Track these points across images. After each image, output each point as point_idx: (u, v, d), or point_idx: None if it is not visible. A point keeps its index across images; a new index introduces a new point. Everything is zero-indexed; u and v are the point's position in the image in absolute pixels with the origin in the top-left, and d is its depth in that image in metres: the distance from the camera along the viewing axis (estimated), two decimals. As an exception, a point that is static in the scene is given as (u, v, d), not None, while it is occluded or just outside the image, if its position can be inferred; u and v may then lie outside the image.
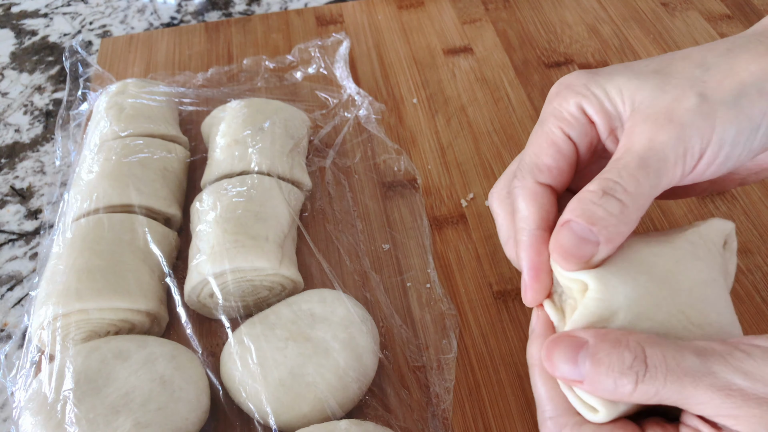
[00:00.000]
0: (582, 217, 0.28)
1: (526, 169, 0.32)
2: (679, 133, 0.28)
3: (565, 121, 0.32)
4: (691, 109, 0.28)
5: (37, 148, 0.61)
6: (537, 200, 0.31)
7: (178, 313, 0.45)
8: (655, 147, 0.28)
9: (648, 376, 0.25)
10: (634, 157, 0.28)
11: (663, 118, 0.29)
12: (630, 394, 0.25)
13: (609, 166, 0.29)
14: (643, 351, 0.25)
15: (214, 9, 0.76)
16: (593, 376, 0.26)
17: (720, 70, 0.29)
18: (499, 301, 0.47)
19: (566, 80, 0.32)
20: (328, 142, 0.58)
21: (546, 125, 0.32)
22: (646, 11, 0.70)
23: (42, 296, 0.43)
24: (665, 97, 0.29)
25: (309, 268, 0.49)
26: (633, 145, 0.29)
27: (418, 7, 0.72)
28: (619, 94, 0.31)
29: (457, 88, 0.63)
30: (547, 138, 0.32)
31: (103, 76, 0.62)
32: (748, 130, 0.29)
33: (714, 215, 0.51)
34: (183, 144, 0.56)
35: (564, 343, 0.27)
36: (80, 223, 0.46)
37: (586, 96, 0.31)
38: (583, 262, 0.28)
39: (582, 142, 0.32)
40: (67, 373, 0.39)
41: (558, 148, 0.32)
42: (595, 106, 0.31)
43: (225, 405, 0.42)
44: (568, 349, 0.27)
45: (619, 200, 0.28)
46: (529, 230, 0.31)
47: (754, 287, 0.47)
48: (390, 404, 0.42)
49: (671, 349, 0.25)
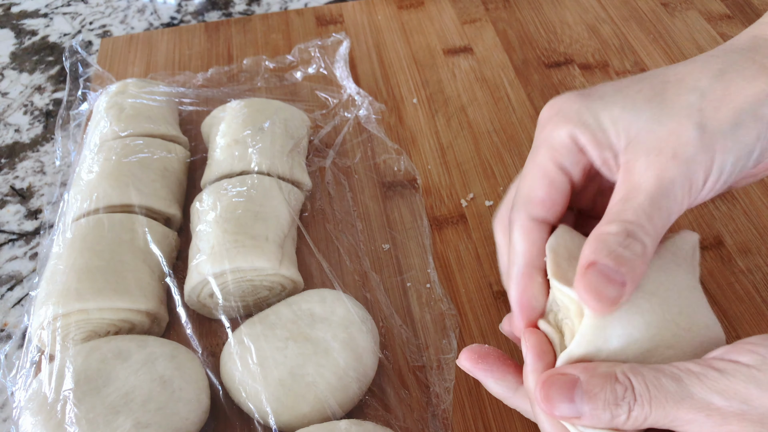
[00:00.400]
0: (609, 259, 0.28)
1: (521, 203, 0.32)
2: (685, 170, 0.29)
3: (557, 152, 0.32)
4: (693, 143, 0.29)
5: (37, 148, 0.61)
6: (530, 236, 0.32)
7: (178, 313, 0.45)
8: (664, 185, 0.29)
9: (637, 404, 0.26)
10: (647, 197, 0.29)
11: (667, 153, 0.29)
12: (624, 423, 0.27)
13: (620, 204, 0.30)
14: (630, 381, 0.27)
15: (214, 9, 0.76)
16: (591, 411, 0.27)
17: (715, 96, 0.30)
18: (499, 301, 0.47)
19: (558, 104, 0.32)
20: (328, 142, 0.58)
21: (538, 156, 0.32)
22: (646, 11, 0.70)
23: (42, 296, 0.43)
24: (663, 129, 0.29)
25: (309, 268, 0.49)
26: (641, 184, 0.29)
27: (418, 7, 0.72)
28: (613, 125, 0.31)
29: (457, 88, 0.63)
30: (540, 170, 0.32)
31: (103, 76, 0.62)
32: (745, 156, 0.30)
33: (714, 216, 0.51)
34: (183, 144, 0.56)
35: (557, 383, 0.28)
36: (80, 223, 0.46)
37: (578, 126, 0.31)
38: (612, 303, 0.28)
39: (575, 170, 0.32)
40: (67, 373, 0.39)
41: (551, 180, 0.32)
42: (587, 137, 0.31)
43: (225, 405, 0.42)
44: (563, 389, 0.27)
45: (641, 242, 0.29)
46: (519, 266, 0.32)
47: (754, 287, 0.47)
48: (390, 404, 0.42)
49: (650, 376, 0.26)
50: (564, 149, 0.31)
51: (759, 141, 0.30)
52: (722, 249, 0.49)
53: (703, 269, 0.48)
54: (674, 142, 0.29)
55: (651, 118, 0.30)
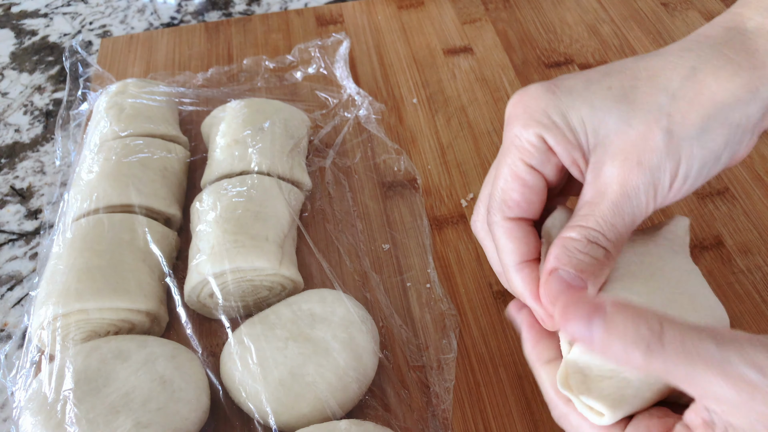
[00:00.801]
0: (570, 265, 0.29)
1: (496, 207, 0.32)
2: (650, 177, 0.29)
3: (526, 152, 0.31)
4: (659, 150, 0.29)
5: (37, 148, 0.61)
6: (513, 235, 0.32)
7: (178, 313, 0.45)
8: (628, 193, 0.29)
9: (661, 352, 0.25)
10: (609, 205, 0.29)
11: (632, 160, 0.29)
12: (640, 365, 0.25)
13: (584, 209, 0.30)
14: (661, 327, 0.25)
15: (214, 9, 0.76)
16: (604, 338, 0.25)
17: (685, 98, 0.30)
18: (499, 301, 0.47)
19: (524, 101, 0.32)
20: (328, 142, 0.58)
21: (508, 158, 0.32)
22: (646, 11, 0.70)
23: (42, 296, 0.43)
24: (632, 132, 0.30)
25: (309, 268, 0.49)
26: (606, 189, 0.30)
27: (418, 7, 0.72)
28: (581, 125, 0.31)
29: (457, 88, 0.63)
30: (511, 172, 0.32)
31: (103, 76, 0.62)
32: (711, 161, 0.30)
33: (714, 216, 0.51)
34: (183, 144, 0.56)
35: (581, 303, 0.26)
36: (80, 223, 0.46)
37: (546, 126, 0.31)
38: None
39: (547, 169, 0.32)
40: (67, 373, 0.39)
41: (523, 181, 0.32)
42: (557, 138, 0.31)
43: (225, 405, 0.42)
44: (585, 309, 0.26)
45: (602, 247, 0.29)
46: (513, 266, 0.32)
47: (754, 287, 0.47)
48: (390, 404, 0.42)
49: (691, 331, 0.25)
50: (534, 149, 0.31)
51: (726, 147, 0.30)
52: (722, 249, 0.49)
53: (703, 269, 0.48)
54: (641, 147, 0.29)
55: (620, 119, 0.30)
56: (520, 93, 0.32)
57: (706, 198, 0.53)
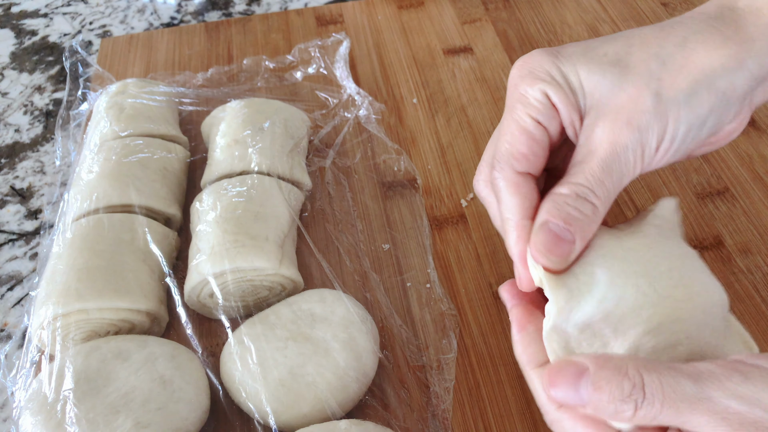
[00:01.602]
0: (559, 218, 0.30)
1: (504, 160, 0.33)
2: (638, 137, 0.30)
3: (533, 108, 0.33)
4: (648, 111, 0.30)
5: (37, 148, 0.61)
6: (519, 190, 0.33)
7: (178, 313, 0.45)
8: (617, 151, 0.30)
9: (646, 402, 0.26)
10: (599, 162, 0.31)
11: (622, 120, 0.30)
12: (630, 419, 0.26)
13: (575, 167, 0.31)
14: (642, 379, 0.26)
15: (214, 9, 0.76)
16: (595, 402, 0.27)
17: (675, 64, 0.31)
18: (499, 301, 0.47)
19: (529, 64, 0.33)
20: (328, 142, 0.58)
21: (515, 112, 0.33)
22: (646, 11, 0.70)
23: (42, 296, 0.43)
24: (623, 95, 0.31)
25: (309, 268, 0.49)
26: (596, 149, 0.31)
27: (418, 7, 0.72)
28: (579, 87, 0.32)
29: (457, 88, 0.63)
30: (518, 126, 0.33)
31: (103, 76, 0.62)
32: (697, 125, 0.31)
33: (714, 216, 0.51)
34: (183, 144, 0.56)
35: (566, 370, 0.28)
36: (80, 223, 0.46)
37: (551, 84, 0.32)
38: (562, 259, 0.30)
39: (551, 126, 0.33)
40: (67, 373, 0.39)
41: (530, 135, 0.33)
42: (560, 95, 0.32)
43: (225, 405, 0.42)
44: (570, 376, 0.28)
45: (591, 203, 0.30)
46: (514, 221, 0.32)
47: (754, 287, 0.47)
48: (390, 404, 0.42)
49: (668, 375, 0.26)
50: (540, 105, 0.32)
51: (712, 113, 0.31)
52: (722, 249, 0.49)
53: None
54: (631, 108, 0.30)
55: (613, 82, 0.31)
56: (524, 57, 0.34)
57: (706, 198, 0.53)
